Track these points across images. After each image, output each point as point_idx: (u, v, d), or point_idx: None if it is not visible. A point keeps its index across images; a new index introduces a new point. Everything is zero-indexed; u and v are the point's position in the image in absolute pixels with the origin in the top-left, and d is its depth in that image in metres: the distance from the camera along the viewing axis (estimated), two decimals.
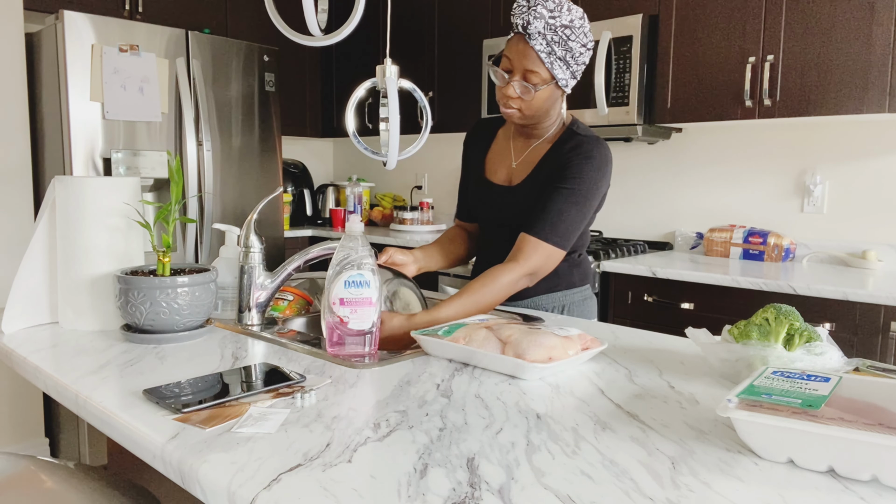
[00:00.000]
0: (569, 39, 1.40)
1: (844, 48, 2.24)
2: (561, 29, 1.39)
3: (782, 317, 1.05)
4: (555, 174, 1.52)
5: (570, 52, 1.42)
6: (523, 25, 1.40)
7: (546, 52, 1.40)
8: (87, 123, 2.72)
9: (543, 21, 1.38)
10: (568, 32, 1.40)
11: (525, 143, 1.62)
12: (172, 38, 2.94)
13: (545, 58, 1.41)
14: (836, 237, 2.61)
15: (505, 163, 1.65)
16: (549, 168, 1.54)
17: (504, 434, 0.85)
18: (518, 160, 1.61)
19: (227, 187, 3.18)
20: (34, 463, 1.13)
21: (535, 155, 1.59)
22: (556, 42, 1.40)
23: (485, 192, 1.66)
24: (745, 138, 2.81)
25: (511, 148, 1.65)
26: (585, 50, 1.45)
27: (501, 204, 1.61)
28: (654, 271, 2.41)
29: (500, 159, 1.66)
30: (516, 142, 1.64)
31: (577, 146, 1.51)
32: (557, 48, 1.40)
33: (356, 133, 1.37)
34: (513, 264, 1.46)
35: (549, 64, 1.41)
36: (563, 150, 1.53)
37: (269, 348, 1.24)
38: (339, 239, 1.24)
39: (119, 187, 1.36)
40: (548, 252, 1.48)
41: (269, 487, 0.70)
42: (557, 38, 1.40)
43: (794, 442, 0.74)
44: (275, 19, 1.25)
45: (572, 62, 1.44)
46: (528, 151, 1.60)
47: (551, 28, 1.39)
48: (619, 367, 1.16)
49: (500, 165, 1.66)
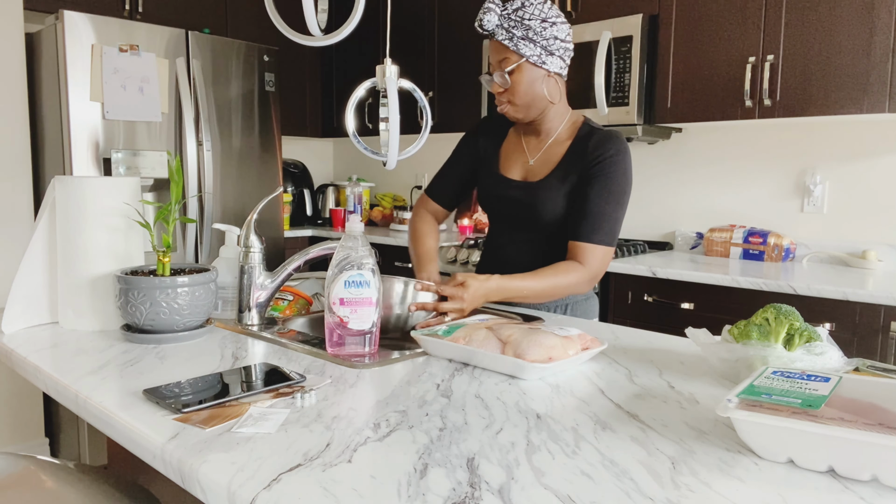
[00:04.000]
0: (523, 19, 1.48)
1: (844, 48, 2.24)
2: (514, 13, 1.48)
3: (782, 317, 1.04)
4: (586, 174, 1.54)
5: (530, 30, 1.48)
6: (481, 25, 1.50)
7: (507, 38, 1.49)
8: (87, 123, 2.72)
9: (496, 14, 1.48)
10: (521, 13, 1.48)
11: (538, 141, 1.63)
12: (172, 38, 2.94)
13: (508, 43, 1.49)
14: (836, 237, 2.61)
15: (520, 160, 1.65)
16: (575, 166, 1.55)
17: (504, 434, 0.85)
18: (534, 157, 1.62)
19: (227, 187, 3.18)
20: (34, 463, 1.13)
21: (554, 153, 1.60)
22: (513, 27, 1.48)
23: (501, 188, 1.65)
24: (745, 138, 2.81)
25: (524, 146, 1.66)
26: (548, 24, 1.49)
27: (520, 199, 1.61)
28: (654, 271, 2.41)
29: (515, 156, 1.67)
30: (528, 140, 1.66)
31: (600, 143, 1.54)
32: (517, 31, 1.48)
33: (356, 133, 1.37)
34: (581, 267, 1.51)
35: (514, 47, 1.49)
36: (588, 147, 1.55)
37: (269, 348, 1.24)
38: (339, 239, 1.24)
39: (119, 187, 1.36)
40: (602, 253, 1.52)
41: (269, 487, 0.70)
42: (513, 22, 1.48)
43: (794, 442, 0.74)
44: (275, 19, 1.25)
45: (537, 37, 1.49)
46: (545, 149, 1.62)
47: (505, 17, 1.49)
48: (619, 367, 1.16)
49: (514, 162, 1.66)
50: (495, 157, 1.70)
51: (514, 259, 1.64)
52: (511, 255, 1.66)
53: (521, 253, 1.64)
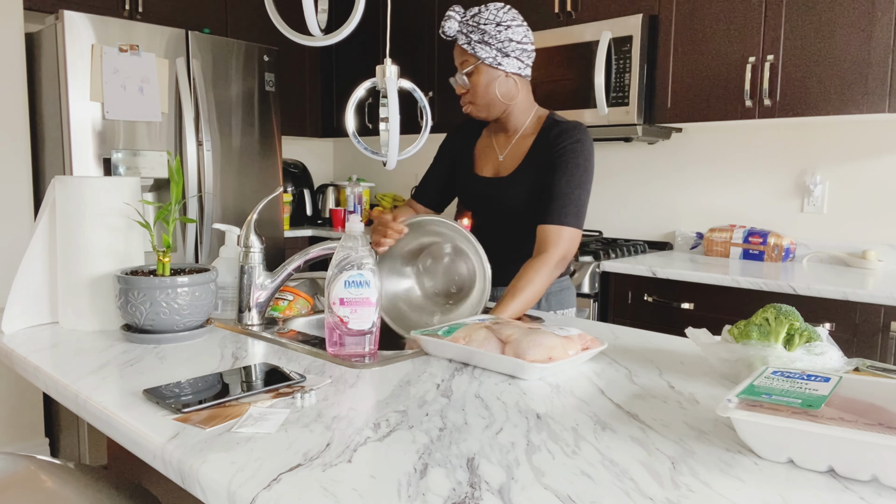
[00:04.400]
0: (479, 24, 1.58)
1: (844, 48, 2.24)
2: (471, 19, 1.59)
3: (782, 317, 1.04)
4: (550, 161, 1.62)
5: (485, 34, 1.58)
6: (444, 32, 1.60)
7: (466, 42, 1.60)
8: (87, 123, 2.72)
9: (455, 21, 1.59)
10: (477, 18, 1.59)
11: (507, 138, 1.73)
12: (172, 38, 2.94)
13: (466, 47, 1.60)
14: (836, 237, 2.61)
15: (491, 158, 1.75)
16: (540, 156, 1.64)
17: (504, 434, 0.85)
18: (504, 153, 1.72)
19: (227, 187, 3.18)
20: (34, 463, 1.13)
21: (521, 147, 1.70)
22: (470, 31, 1.59)
23: (477, 186, 1.75)
24: (745, 138, 2.81)
25: (494, 144, 1.76)
26: (503, 27, 1.58)
27: (494, 194, 1.70)
28: (654, 271, 2.41)
29: (487, 155, 1.77)
30: (498, 137, 1.76)
31: (563, 132, 1.63)
32: (473, 35, 1.59)
33: (356, 133, 1.37)
34: (544, 256, 1.56)
35: (471, 50, 1.59)
36: (551, 137, 1.63)
37: (269, 348, 1.24)
38: (339, 239, 1.24)
39: (119, 187, 1.36)
40: (569, 235, 1.58)
41: (269, 487, 0.70)
42: (470, 27, 1.59)
43: (794, 442, 0.74)
44: (275, 19, 1.25)
45: (492, 40, 1.58)
46: (513, 145, 1.71)
47: (463, 23, 1.60)
48: (619, 367, 1.16)
49: (486, 161, 1.76)
50: (470, 157, 1.80)
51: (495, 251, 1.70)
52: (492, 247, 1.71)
53: (500, 244, 1.73)
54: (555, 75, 2.83)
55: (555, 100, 2.85)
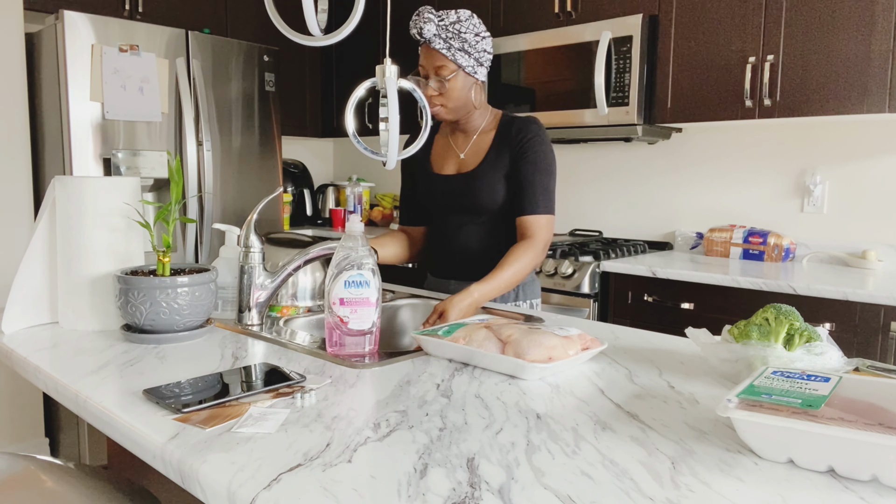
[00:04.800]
0: (461, 32, 1.62)
1: (844, 48, 2.24)
2: (451, 25, 1.62)
3: (782, 317, 1.04)
4: (515, 157, 1.70)
5: (466, 42, 1.62)
6: (419, 33, 1.61)
7: (445, 47, 1.62)
8: (87, 123, 2.72)
9: (434, 24, 1.60)
10: (458, 27, 1.62)
11: (465, 137, 1.80)
12: (172, 38, 2.94)
13: (447, 52, 1.62)
14: (836, 237, 2.60)
15: (451, 156, 1.81)
16: (502, 150, 1.72)
17: (504, 434, 0.85)
18: (464, 151, 1.78)
19: (227, 187, 3.18)
20: (34, 463, 1.13)
21: (482, 144, 1.76)
22: (451, 38, 1.62)
23: (437, 184, 1.80)
24: (745, 138, 2.81)
25: (452, 144, 1.82)
26: (480, 38, 1.65)
27: (457, 190, 1.75)
28: (654, 271, 2.41)
29: (446, 154, 1.82)
30: (456, 138, 1.82)
31: (521, 128, 1.72)
32: (454, 41, 1.62)
33: (356, 133, 1.37)
34: (528, 242, 1.65)
35: (451, 56, 1.62)
36: (511, 133, 1.72)
37: (269, 348, 1.24)
38: (339, 239, 1.24)
39: (119, 187, 1.36)
40: (547, 221, 1.69)
41: (269, 487, 0.70)
42: (450, 34, 1.61)
43: (794, 442, 0.74)
44: (275, 19, 1.25)
45: (472, 50, 1.64)
46: (472, 143, 1.78)
47: (443, 28, 1.61)
48: (619, 367, 1.16)
49: (446, 160, 1.82)
50: (427, 161, 1.85)
51: (458, 243, 1.79)
52: (455, 240, 1.80)
53: (462, 237, 1.78)
54: (555, 75, 2.83)
55: (555, 100, 2.85)
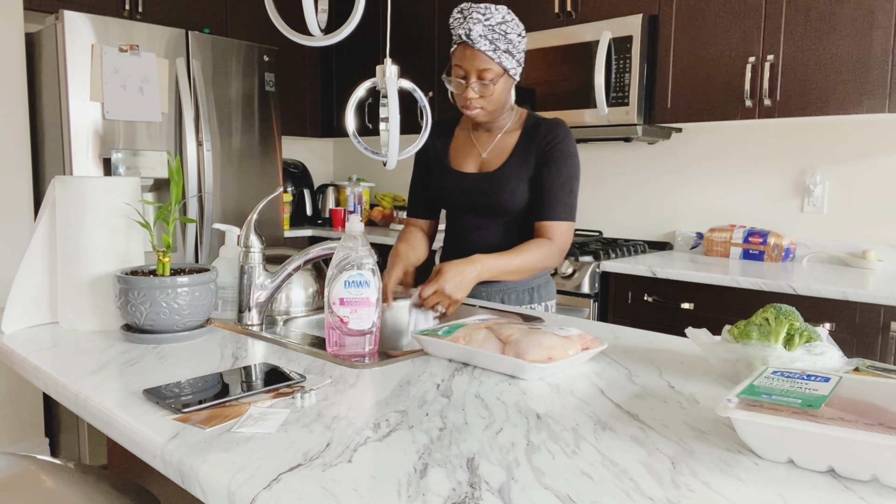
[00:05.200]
0: (507, 33, 1.57)
1: (844, 48, 2.24)
2: (497, 26, 1.56)
3: (782, 317, 1.04)
4: (541, 160, 1.66)
5: (511, 44, 1.58)
6: (465, 34, 1.57)
7: (492, 49, 1.57)
8: (87, 123, 2.72)
9: (481, 25, 1.55)
10: (504, 27, 1.57)
11: (489, 136, 1.75)
12: (172, 38, 2.94)
13: (492, 55, 1.57)
14: (836, 237, 2.60)
15: (473, 153, 1.76)
16: (528, 151, 1.68)
17: (504, 434, 0.85)
18: (487, 150, 1.74)
19: (227, 187, 3.18)
20: (34, 463, 1.13)
21: (506, 143, 1.72)
22: (497, 39, 1.56)
23: (456, 182, 1.75)
24: (745, 138, 2.81)
25: (474, 141, 1.77)
26: (522, 38, 1.62)
27: (478, 190, 1.71)
28: (654, 271, 2.41)
29: (467, 151, 1.77)
30: (478, 134, 1.77)
31: (550, 130, 1.68)
32: (500, 44, 1.57)
33: (356, 133, 1.37)
34: (549, 243, 1.64)
35: (497, 59, 1.57)
36: (540, 134, 1.68)
37: (269, 348, 1.24)
38: (339, 239, 1.24)
39: (119, 187, 1.36)
40: (567, 227, 1.67)
41: (269, 487, 0.70)
42: (497, 35, 1.56)
43: (794, 442, 0.74)
44: (275, 19, 1.25)
45: (515, 52, 1.60)
46: (496, 141, 1.73)
47: (489, 28, 1.56)
48: (619, 367, 1.16)
49: (467, 157, 1.77)
50: (446, 156, 1.80)
51: (475, 245, 1.74)
52: (471, 241, 1.76)
53: (480, 238, 1.74)
54: (555, 75, 2.83)
55: (555, 100, 2.85)
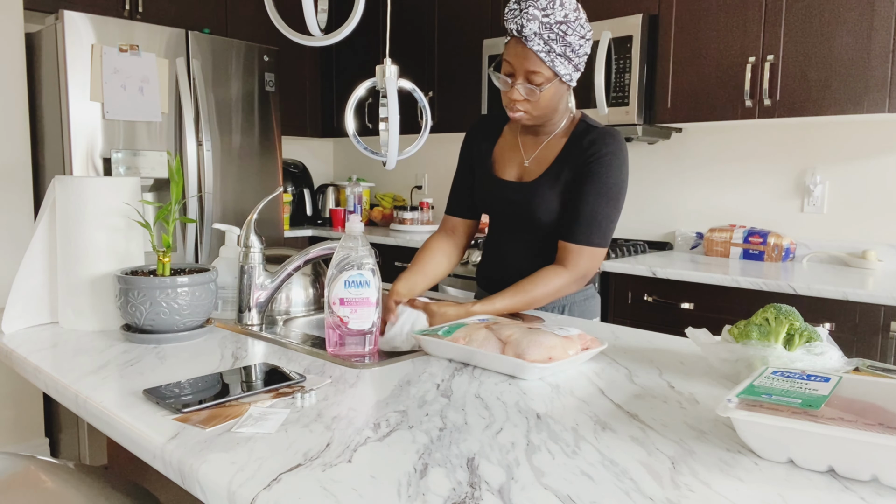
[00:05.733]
0: (566, 35, 1.38)
1: (844, 48, 2.24)
2: (556, 26, 1.37)
3: (782, 317, 1.04)
4: (579, 172, 1.50)
5: (569, 47, 1.39)
6: (517, 29, 1.38)
7: (545, 51, 1.38)
8: (87, 123, 2.72)
9: (537, 21, 1.36)
10: (564, 28, 1.38)
11: (535, 140, 1.59)
12: (172, 38, 2.94)
13: (545, 57, 1.38)
14: (836, 237, 2.60)
15: (516, 160, 1.61)
16: (569, 164, 1.52)
17: (504, 434, 0.85)
18: (530, 157, 1.58)
19: (227, 187, 3.18)
20: (34, 463, 1.13)
21: (550, 151, 1.56)
22: (553, 40, 1.38)
23: (496, 190, 1.62)
24: (745, 138, 2.81)
25: (520, 145, 1.61)
26: (585, 41, 1.42)
27: (515, 200, 1.58)
28: (654, 271, 2.40)
29: (510, 156, 1.62)
30: (525, 138, 1.61)
31: (595, 141, 1.50)
32: (556, 45, 1.38)
33: (356, 133, 1.37)
34: (562, 269, 1.49)
35: (549, 62, 1.39)
36: (582, 146, 1.50)
37: (269, 348, 1.24)
38: (339, 239, 1.24)
39: (119, 187, 1.36)
40: (591, 254, 1.50)
41: (269, 487, 0.70)
42: (554, 35, 1.37)
43: (794, 442, 0.74)
44: (275, 19, 1.25)
45: (573, 56, 1.41)
46: (541, 148, 1.57)
47: (546, 27, 1.37)
48: (619, 367, 1.16)
49: (509, 162, 1.62)
50: (489, 159, 1.66)
51: (512, 258, 1.63)
52: (509, 254, 1.64)
53: (518, 251, 1.62)
54: None
55: None
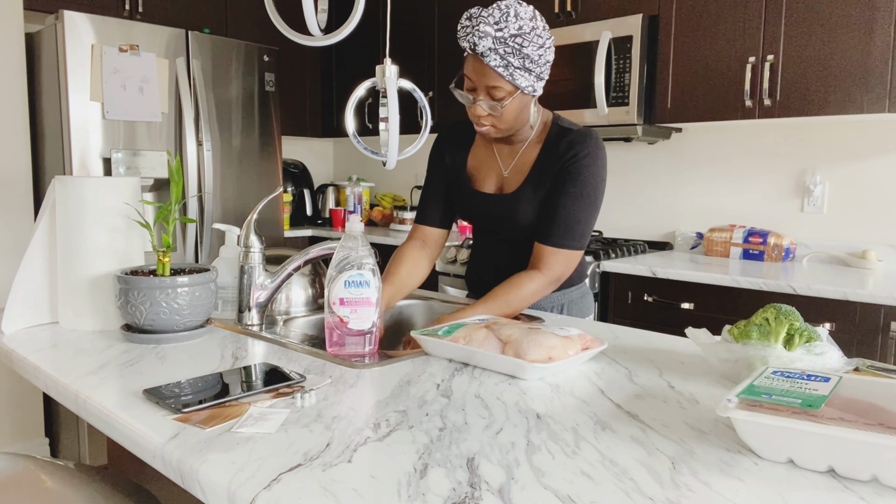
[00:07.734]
0: (522, 47, 1.35)
1: (844, 48, 2.24)
2: (511, 39, 1.34)
3: (782, 317, 1.04)
4: (557, 177, 1.50)
5: (527, 59, 1.37)
6: (471, 47, 1.36)
7: (503, 65, 1.36)
8: (87, 123, 2.72)
9: (490, 38, 1.33)
10: (519, 41, 1.35)
11: (511, 150, 1.58)
12: (172, 38, 2.94)
13: (503, 72, 1.36)
14: (836, 237, 2.61)
15: (493, 170, 1.60)
16: (546, 170, 1.51)
17: (504, 434, 0.85)
18: (508, 167, 1.57)
19: (227, 187, 3.18)
20: (34, 463, 1.13)
21: (526, 159, 1.55)
22: (510, 53, 1.35)
23: (478, 204, 1.61)
24: (745, 138, 2.81)
25: (496, 154, 1.60)
26: (545, 50, 1.39)
27: (498, 213, 1.57)
28: (654, 271, 2.41)
29: (487, 167, 1.61)
30: (500, 147, 1.59)
31: (573, 143, 1.49)
32: (513, 59, 1.36)
33: (356, 133, 1.37)
34: (536, 273, 1.48)
35: (509, 76, 1.37)
36: (559, 150, 1.50)
37: (269, 348, 1.24)
38: (339, 239, 1.24)
39: (119, 187, 1.36)
40: (566, 256, 1.50)
41: (269, 487, 0.70)
42: (510, 49, 1.35)
43: (794, 442, 0.74)
44: (275, 19, 1.25)
45: (533, 66, 1.39)
46: (518, 157, 1.56)
47: (501, 41, 1.34)
48: (619, 367, 1.16)
49: (487, 174, 1.61)
50: (464, 171, 1.63)
51: (499, 261, 1.64)
52: (496, 257, 1.66)
53: (504, 254, 1.64)
54: (555, 75, 2.83)
55: (555, 100, 2.85)
